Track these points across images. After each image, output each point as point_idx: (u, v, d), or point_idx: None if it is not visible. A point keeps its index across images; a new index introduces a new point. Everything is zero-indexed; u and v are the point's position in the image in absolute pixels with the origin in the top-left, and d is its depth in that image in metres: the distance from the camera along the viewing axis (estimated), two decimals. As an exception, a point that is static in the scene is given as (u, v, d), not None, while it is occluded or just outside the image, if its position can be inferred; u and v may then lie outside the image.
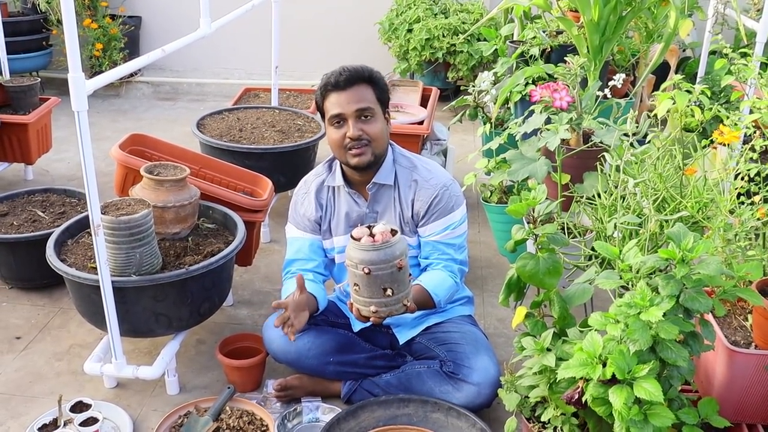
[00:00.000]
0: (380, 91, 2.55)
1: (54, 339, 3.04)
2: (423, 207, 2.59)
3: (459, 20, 5.88)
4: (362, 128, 2.50)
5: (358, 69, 2.53)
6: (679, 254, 1.80)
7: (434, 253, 2.61)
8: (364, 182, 2.63)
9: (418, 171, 2.63)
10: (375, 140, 2.52)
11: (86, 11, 6.17)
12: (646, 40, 4.35)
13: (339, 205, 2.68)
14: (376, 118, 2.53)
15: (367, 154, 2.52)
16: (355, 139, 2.50)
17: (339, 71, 2.52)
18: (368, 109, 2.50)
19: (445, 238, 2.60)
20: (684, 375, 1.89)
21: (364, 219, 2.63)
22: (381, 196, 2.64)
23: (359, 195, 2.65)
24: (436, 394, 2.52)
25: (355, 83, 2.50)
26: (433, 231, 2.60)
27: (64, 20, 2.12)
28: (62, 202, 3.59)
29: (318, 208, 2.69)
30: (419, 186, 2.60)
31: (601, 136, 2.75)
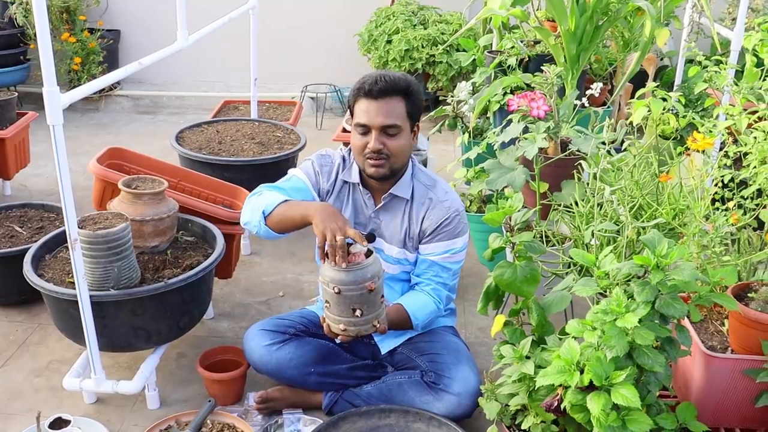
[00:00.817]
0: (412, 105, 2.49)
1: (32, 355, 3.02)
2: (431, 226, 2.57)
3: (438, 31, 5.90)
4: (384, 142, 2.46)
5: (396, 80, 2.46)
6: (653, 260, 1.81)
7: (428, 272, 2.60)
8: (380, 189, 2.61)
9: (435, 190, 2.61)
10: (395, 156, 2.49)
11: (64, 25, 6.15)
12: (623, 49, 4.39)
13: (350, 201, 2.65)
14: (400, 134, 2.47)
15: (385, 167, 2.50)
16: (375, 152, 2.48)
17: (376, 78, 2.46)
18: (394, 126, 2.45)
19: (443, 261, 2.59)
20: (661, 380, 1.90)
21: (368, 222, 2.63)
22: (392, 207, 2.61)
23: (370, 197, 2.63)
24: (417, 405, 2.52)
25: (388, 95, 2.45)
26: (434, 251, 2.59)
27: (38, 33, 2.12)
28: (40, 217, 3.57)
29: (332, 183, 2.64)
30: (433, 204, 2.58)
31: (579, 144, 2.77)
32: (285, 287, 3.56)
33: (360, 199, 2.64)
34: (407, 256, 2.63)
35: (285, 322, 2.72)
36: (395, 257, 2.63)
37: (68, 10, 6.15)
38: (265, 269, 3.74)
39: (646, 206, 2.42)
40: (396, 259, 2.63)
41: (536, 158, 2.79)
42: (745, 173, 2.10)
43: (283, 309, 3.32)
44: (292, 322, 2.72)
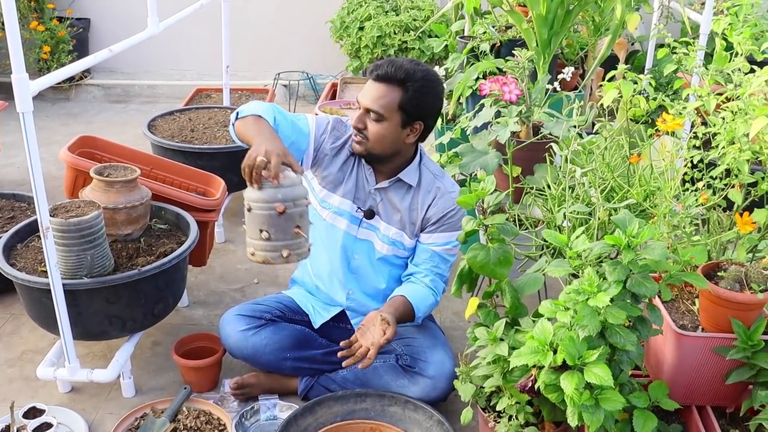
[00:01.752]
0: (410, 100, 2.44)
1: (5, 345, 2.99)
2: (436, 215, 2.58)
3: (410, 17, 5.90)
4: (365, 123, 2.48)
5: (397, 68, 2.43)
6: (624, 240, 1.83)
7: (428, 263, 2.60)
8: (383, 171, 2.61)
9: (444, 181, 2.63)
10: (371, 141, 2.49)
11: (33, 13, 6.07)
12: (594, 33, 4.42)
13: (355, 172, 2.64)
14: (383, 122, 2.46)
15: (362, 146, 2.52)
16: (355, 128, 2.51)
17: (385, 62, 2.46)
18: (376, 112, 2.45)
19: (444, 252, 2.61)
20: (633, 359, 1.93)
21: (367, 197, 2.62)
22: (395, 190, 2.61)
23: (372, 173, 2.62)
24: (393, 388, 2.54)
25: (385, 81, 2.44)
26: (435, 241, 2.60)
27: (6, 20, 2.09)
28: (11, 206, 3.54)
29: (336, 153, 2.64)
30: (441, 193, 2.59)
31: (550, 128, 2.78)
32: (259, 275, 3.56)
33: (362, 174, 2.64)
34: (404, 240, 2.63)
35: (261, 307, 2.72)
36: (391, 237, 2.63)
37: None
38: (239, 257, 3.73)
39: (617, 188, 2.45)
40: (391, 239, 2.63)
41: (509, 142, 2.80)
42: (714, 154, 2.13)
43: (258, 296, 3.31)
44: (268, 308, 2.72)
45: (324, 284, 2.76)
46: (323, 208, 2.68)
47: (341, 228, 2.66)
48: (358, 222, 2.65)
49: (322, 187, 2.68)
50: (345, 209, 2.65)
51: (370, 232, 2.66)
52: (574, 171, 2.38)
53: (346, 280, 2.71)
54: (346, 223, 2.66)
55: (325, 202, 2.68)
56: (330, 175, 2.65)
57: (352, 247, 2.68)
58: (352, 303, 2.74)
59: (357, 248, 2.68)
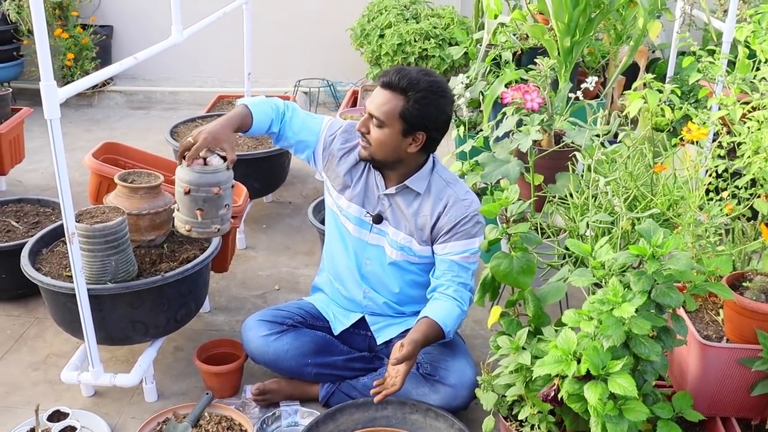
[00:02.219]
0: (411, 110, 2.43)
1: (30, 349, 3.02)
2: (449, 223, 2.55)
3: (430, 25, 5.90)
4: (368, 128, 2.50)
5: (402, 77, 2.44)
6: (649, 250, 1.83)
7: (448, 273, 2.56)
8: (391, 177, 2.62)
9: (456, 188, 2.60)
10: (373, 145, 2.50)
11: (57, 21, 6.13)
12: (616, 41, 4.41)
13: (364, 177, 2.65)
14: (384, 129, 2.46)
15: (366, 151, 2.53)
16: (359, 131, 2.53)
17: (393, 70, 2.48)
18: (377, 118, 2.46)
19: (462, 260, 2.56)
20: (657, 370, 1.92)
21: (376, 202, 2.63)
22: (403, 196, 2.61)
23: (381, 179, 2.62)
24: (414, 396, 2.54)
25: (389, 88, 2.46)
26: (452, 250, 2.56)
27: (35, 27, 2.11)
28: (36, 211, 3.57)
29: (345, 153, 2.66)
30: (453, 202, 2.56)
31: (573, 136, 2.78)
32: (280, 281, 3.58)
33: (373, 179, 2.65)
34: (413, 245, 2.62)
35: (283, 312, 2.74)
36: (399, 243, 2.63)
37: (61, 6, 6.13)
38: (260, 263, 3.75)
39: (640, 197, 2.44)
40: (400, 245, 2.63)
41: (530, 150, 2.80)
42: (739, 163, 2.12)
43: (279, 302, 3.32)
44: (289, 313, 2.73)
45: (342, 284, 2.78)
46: (338, 210, 2.71)
47: (352, 232, 2.69)
48: (369, 227, 2.66)
49: (333, 188, 2.71)
50: (352, 213, 2.67)
51: (380, 237, 2.66)
52: (598, 180, 2.38)
53: (361, 281, 2.72)
54: (354, 227, 2.67)
55: (336, 204, 2.71)
56: (338, 177, 2.68)
57: (364, 252, 2.69)
58: (369, 302, 2.75)
59: (368, 253, 2.69)
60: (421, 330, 2.44)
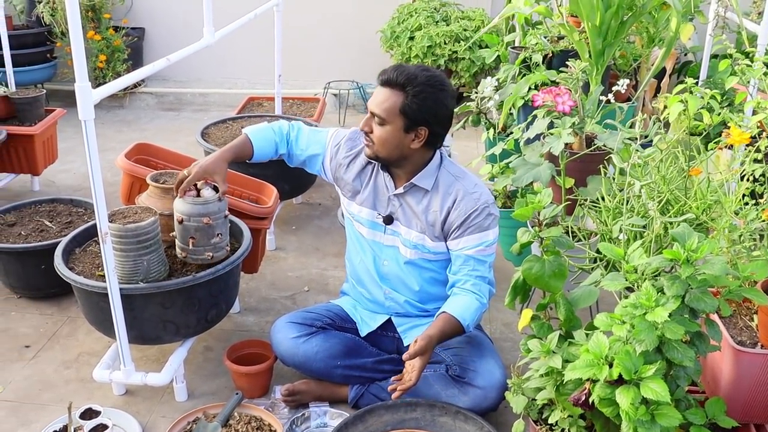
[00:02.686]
0: (409, 105, 2.43)
1: (63, 347, 3.05)
2: (459, 218, 2.54)
3: (460, 27, 5.90)
4: (371, 126, 2.50)
5: (400, 73, 2.45)
6: (683, 255, 1.81)
7: (465, 268, 2.55)
8: (399, 175, 2.62)
9: (464, 182, 2.58)
10: (377, 144, 2.51)
11: (90, 23, 6.20)
12: (648, 44, 4.37)
13: (373, 180, 2.66)
14: (385, 126, 2.46)
15: (371, 150, 2.54)
16: (362, 131, 2.54)
17: (391, 68, 2.49)
18: (378, 116, 2.47)
19: (477, 254, 2.55)
20: (690, 375, 1.90)
21: (387, 204, 2.64)
22: (413, 195, 2.61)
23: (391, 180, 2.63)
24: (443, 398, 2.53)
25: (388, 85, 2.47)
26: (466, 245, 2.55)
27: (71, 29, 2.14)
28: (69, 211, 3.61)
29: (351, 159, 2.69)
30: (462, 195, 2.55)
31: (605, 139, 2.76)
32: (310, 282, 3.59)
33: (382, 181, 2.65)
34: (426, 243, 2.61)
35: (312, 315, 2.75)
36: (413, 241, 2.62)
37: (94, 9, 6.20)
38: (290, 264, 3.76)
39: (673, 201, 2.42)
40: (414, 243, 2.62)
41: (562, 154, 2.78)
42: (776, 168, 2.10)
43: (309, 304, 3.34)
44: (319, 316, 2.74)
45: (364, 287, 2.79)
46: (350, 216, 2.73)
47: (366, 236, 2.70)
48: (383, 228, 2.67)
49: (344, 195, 2.74)
50: (364, 217, 2.68)
51: (394, 238, 2.66)
52: (632, 183, 2.36)
53: (381, 282, 2.73)
54: (367, 230, 2.69)
55: (348, 210, 2.74)
56: (347, 184, 2.69)
57: (380, 254, 2.70)
58: (391, 303, 2.75)
59: (385, 254, 2.69)
60: (437, 325, 2.44)
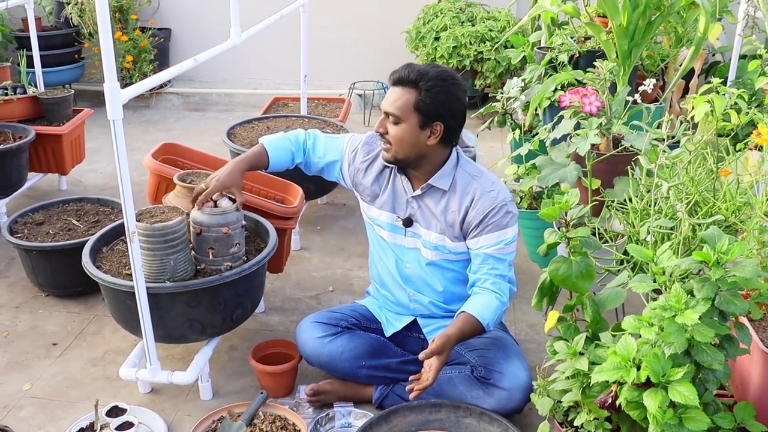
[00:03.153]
0: (423, 100, 2.43)
1: (89, 345, 3.08)
2: (478, 217, 2.53)
3: (486, 28, 5.89)
4: (386, 128, 2.49)
5: (411, 70, 2.46)
6: (714, 257, 1.79)
7: (484, 267, 2.54)
8: (417, 177, 2.61)
9: (481, 180, 2.57)
10: (394, 144, 2.50)
11: (117, 24, 6.25)
12: (676, 44, 4.34)
13: (391, 183, 2.66)
14: (402, 124, 2.46)
15: (388, 152, 2.53)
16: (378, 134, 2.53)
17: (402, 67, 2.49)
18: (393, 115, 2.46)
19: (496, 252, 2.53)
20: (719, 379, 1.88)
21: (405, 206, 2.63)
22: (431, 196, 2.60)
23: (408, 183, 2.62)
24: (468, 399, 2.52)
25: (399, 84, 2.47)
26: (485, 243, 2.54)
27: (100, 31, 2.16)
28: (96, 210, 3.65)
29: (368, 164, 2.69)
30: (479, 194, 2.54)
31: (632, 140, 2.74)
32: (335, 282, 3.59)
33: (400, 184, 2.65)
34: (446, 243, 2.60)
35: (337, 315, 2.75)
36: (433, 243, 2.61)
37: (121, 10, 6.25)
38: (315, 264, 3.77)
39: (702, 203, 2.39)
40: (434, 244, 2.61)
41: (588, 154, 2.76)
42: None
43: (333, 304, 3.35)
44: (344, 316, 2.75)
45: (387, 290, 2.79)
46: (370, 220, 2.73)
47: (387, 239, 2.70)
48: (403, 231, 2.66)
49: (363, 200, 2.74)
50: (384, 221, 2.68)
51: (415, 240, 2.66)
52: (660, 185, 2.34)
53: (405, 285, 2.72)
54: (388, 233, 2.69)
55: (368, 215, 2.74)
56: (366, 189, 2.70)
57: (402, 256, 2.70)
58: (416, 305, 2.74)
59: (407, 257, 2.69)
60: (456, 325, 2.43)
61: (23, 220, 3.53)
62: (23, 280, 3.53)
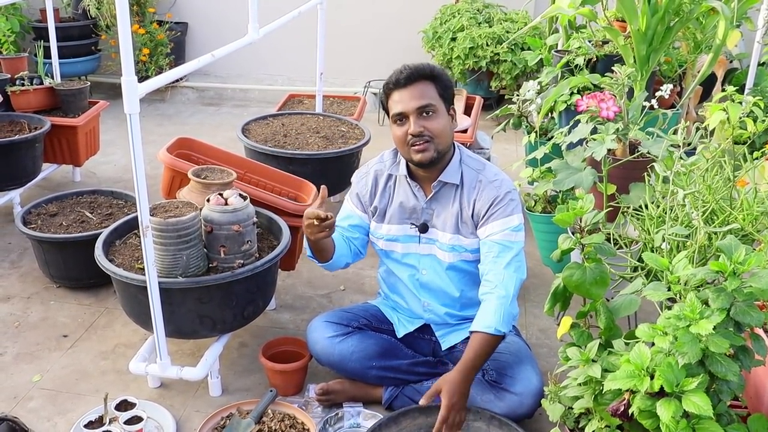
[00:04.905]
0: (443, 87, 2.50)
1: (100, 338, 3.08)
2: (484, 206, 2.53)
3: (503, 29, 5.87)
4: (424, 125, 2.46)
5: (419, 66, 2.50)
6: (730, 267, 1.78)
7: (490, 254, 2.51)
8: (429, 178, 2.60)
9: (485, 173, 2.58)
10: (437, 136, 2.48)
11: (134, 17, 6.27)
12: (694, 50, 4.31)
13: (396, 194, 2.65)
14: (438, 114, 2.47)
15: (430, 150, 2.49)
16: (417, 135, 2.47)
17: (400, 69, 2.50)
18: (429, 106, 2.45)
19: (503, 239, 2.51)
20: (733, 390, 1.87)
21: (420, 213, 2.62)
22: (443, 195, 2.60)
23: (420, 189, 2.61)
24: (478, 403, 2.51)
25: (416, 80, 2.47)
26: (492, 231, 2.53)
27: (119, 24, 2.16)
28: (109, 203, 3.65)
29: (372, 192, 2.68)
30: (483, 185, 2.55)
31: (649, 146, 2.73)
32: (346, 281, 3.58)
33: (408, 191, 2.63)
34: (461, 242, 2.59)
35: (349, 315, 2.74)
36: (449, 244, 2.60)
37: (138, 3, 6.27)
38: (326, 262, 3.76)
39: (718, 211, 2.38)
40: (450, 246, 2.60)
41: (604, 159, 2.75)
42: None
43: (344, 303, 3.34)
44: (355, 316, 2.74)
45: (401, 300, 2.78)
46: (380, 238, 2.70)
47: (401, 251, 2.67)
48: (417, 239, 2.64)
49: (374, 221, 2.71)
50: (395, 233, 2.66)
51: (431, 246, 2.64)
52: (676, 192, 2.32)
53: (419, 295, 2.70)
54: (402, 245, 2.66)
55: (377, 235, 2.70)
56: (377, 209, 2.69)
57: (418, 264, 2.68)
58: (430, 315, 2.73)
59: (423, 264, 2.67)
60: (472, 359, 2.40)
61: (37, 210, 3.54)
62: (35, 271, 3.54)
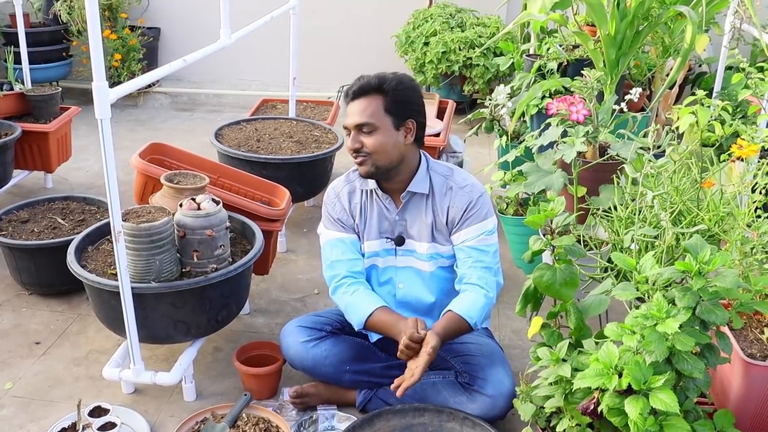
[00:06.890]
0: (393, 102, 2.47)
1: (73, 344, 3.07)
2: (458, 213, 2.55)
3: (475, 34, 5.91)
4: (362, 140, 2.48)
5: (370, 80, 2.49)
6: (696, 266, 1.81)
7: (468, 260, 2.54)
8: (397, 189, 2.61)
9: (454, 178, 2.60)
10: (374, 153, 2.49)
11: (106, 22, 6.23)
12: (663, 54, 4.37)
13: (372, 209, 2.66)
14: (378, 131, 2.47)
15: (367, 164, 2.51)
16: (354, 150, 2.51)
17: (354, 82, 2.52)
18: (367, 124, 2.46)
19: (479, 244, 2.54)
20: (700, 387, 1.90)
21: (394, 226, 2.63)
22: (414, 205, 2.61)
23: (391, 201, 2.63)
24: (451, 405, 2.53)
25: (362, 95, 2.48)
26: (467, 236, 2.55)
27: (90, 29, 2.16)
28: (82, 209, 3.63)
29: (350, 212, 2.67)
30: (454, 192, 2.57)
31: (618, 149, 2.77)
32: (320, 285, 3.59)
33: (381, 205, 2.64)
34: (438, 249, 2.61)
35: (322, 319, 2.75)
36: (427, 253, 2.62)
37: (110, 8, 6.23)
38: (300, 267, 3.77)
39: (686, 212, 2.42)
40: (428, 255, 2.62)
41: (574, 162, 2.79)
42: (789, 181, 2.09)
43: (318, 307, 3.35)
44: (328, 320, 2.75)
45: None
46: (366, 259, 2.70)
47: (381, 265, 2.69)
48: (394, 251, 2.66)
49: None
50: (375, 248, 2.67)
51: (408, 258, 2.66)
52: (645, 194, 2.36)
53: (397, 309, 2.68)
54: (383, 259, 2.68)
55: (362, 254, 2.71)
56: (359, 227, 2.68)
57: (395, 277, 2.69)
58: None
59: (400, 277, 2.68)
60: (445, 325, 2.43)
61: (8, 217, 3.52)
62: (7, 278, 3.51)
